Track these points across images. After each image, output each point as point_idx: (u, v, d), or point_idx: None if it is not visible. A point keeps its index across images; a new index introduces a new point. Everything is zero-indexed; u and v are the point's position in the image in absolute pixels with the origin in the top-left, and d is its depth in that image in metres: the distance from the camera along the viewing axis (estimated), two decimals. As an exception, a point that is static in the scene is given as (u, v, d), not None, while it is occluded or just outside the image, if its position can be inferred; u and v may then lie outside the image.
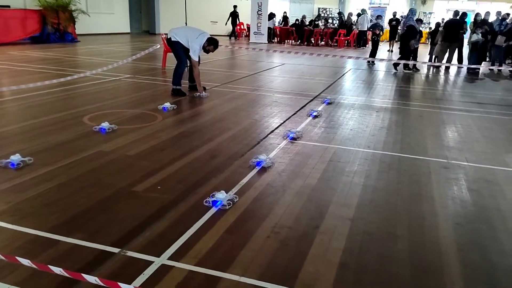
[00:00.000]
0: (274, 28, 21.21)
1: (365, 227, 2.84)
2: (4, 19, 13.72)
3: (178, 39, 6.80)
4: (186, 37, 6.78)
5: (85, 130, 4.75)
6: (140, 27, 23.56)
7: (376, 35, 12.71)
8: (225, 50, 14.23)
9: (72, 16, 16.07)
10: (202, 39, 6.75)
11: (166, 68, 9.80)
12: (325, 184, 3.56)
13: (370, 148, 4.56)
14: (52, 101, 6.16)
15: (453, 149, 4.67)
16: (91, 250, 2.42)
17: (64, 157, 3.89)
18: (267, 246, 2.55)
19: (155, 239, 2.57)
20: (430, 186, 3.61)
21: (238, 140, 4.70)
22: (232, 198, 3.12)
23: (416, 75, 11.19)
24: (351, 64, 12.93)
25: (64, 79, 7.09)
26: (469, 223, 2.98)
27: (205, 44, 6.78)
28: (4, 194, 3.09)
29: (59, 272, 1.69)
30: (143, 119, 5.38)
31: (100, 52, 13.05)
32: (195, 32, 6.85)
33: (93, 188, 3.29)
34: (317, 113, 5.93)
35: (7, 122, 4.97)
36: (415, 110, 6.66)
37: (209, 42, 6.81)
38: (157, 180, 3.49)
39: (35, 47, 13.59)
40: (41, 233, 2.58)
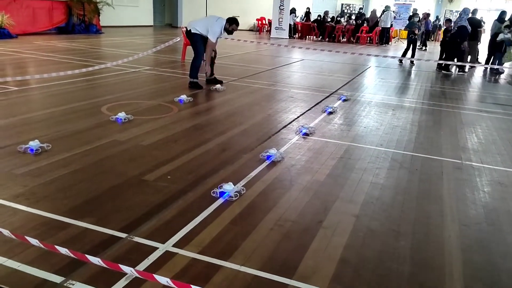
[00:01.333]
0: (295, 24, 21.11)
1: (369, 224, 2.85)
2: (32, 9, 14.09)
3: (198, 30, 6.90)
4: (205, 26, 6.88)
5: (102, 119, 4.87)
6: (163, 20, 23.80)
7: (413, 33, 12.30)
8: (245, 44, 14.26)
9: (97, 8, 16.35)
10: (222, 21, 6.87)
11: (185, 61, 9.92)
12: (333, 180, 3.57)
13: (383, 146, 4.54)
14: (74, 91, 6.32)
15: (468, 150, 4.61)
16: (99, 234, 2.51)
17: (80, 145, 4.01)
18: (269, 238, 2.59)
19: (161, 227, 2.65)
20: (440, 186, 3.58)
21: (250, 134, 4.75)
22: (240, 190, 3.17)
23: (439, 74, 10.99)
24: (372, 62, 12.79)
25: (86, 69, 7.26)
26: (476, 224, 2.95)
27: (226, 26, 6.86)
28: (21, 178, 3.22)
29: (65, 253, 1.77)
30: (159, 110, 5.48)
31: (123, 44, 13.27)
32: (213, 18, 6.98)
33: (105, 175, 3.40)
34: (332, 110, 5.92)
35: (29, 109, 5.14)
36: (433, 110, 6.56)
37: (230, 22, 6.90)
38: (168, 170, 3.57)
39: (61, 37, 13.91)
40: (54, 216, 2.69)
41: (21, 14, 13.44)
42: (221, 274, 2.21)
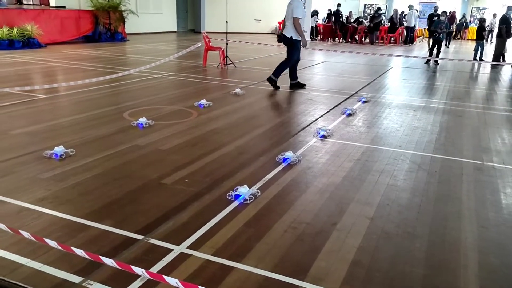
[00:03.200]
0: (317, 26, 21.03)
1: (384, 226, 2.84)
2: (60, 19, 14.57)
3: (288, 32, 7.19)
4: (290, 20, 7.15)
5: (124, 125, 5.02)
6: (186, 26, 24.18)
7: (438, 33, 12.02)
8: (266, 48, 14.33)
9: (122, 16, 16.77)
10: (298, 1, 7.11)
11: (206, 66, 10.06)
12: (349, 182, 3.57)
13: (401, 147, 4.50)
14: (98, 97, 6.52)
15: (490, 151, 4.50)
16: (118, 236, 2.60)
17: (103, 150, 4.15)
18: (283, 240, 2.62)
19: (177, 229, 2.72)
20: (459, 188, 3.52)
21: (268, 137, 4.79)
22: (255, 193, 3.22)
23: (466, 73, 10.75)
24: (394, 62, 12.62)
25: (110, 76, 7.48)
26: (494, 226, 2.90)
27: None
28: (46, 182, 3.36)
29: (81, 254, 1.85)
30: (180, 115, 5.60)
31: (147, 50, 13.56)
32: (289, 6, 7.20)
33: (125, 180, 3.50)
34: (352, 112, 5.90)
35: (55, 116, 5.34)
36: (456, 110, 6.43)
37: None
38: (186, 173, 3.65)
39: (88, 45, 14.33)
40: (75, 219, 2.80)
41: (49, 24, 13.92)
42: (233, 275, 2.26)
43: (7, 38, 11.93)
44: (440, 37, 12.07)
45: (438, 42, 12.11)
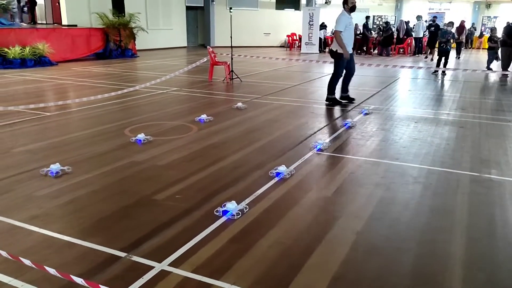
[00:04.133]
0: (325, 38, 21.10)
1: (372, 240, 2.81)
2: (71, 37, 14.94)
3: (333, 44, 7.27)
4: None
5: (124, 141, 5.08)
6: (196, 41, 24.53)
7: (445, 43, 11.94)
8: (273, 62, 14.41)
9: (132, 33, 17.09)
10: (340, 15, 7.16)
11: (212, 81, 10.17)
12: (340, 196, 3.54)
13: (398, 160, 4.45)
14: (102, 114, 6.63)
15: (490, 163, 4.42)
16: (101, 254, 2.63)
17: (100, 167, 4.21)
18: (266, 257, 2.61)
19: (162, 246, 2.73)
20: (454, 201, 3.46)
21: (265, 151, 4.80)
22: (243, 208, 3.21)
23: (474, 83, 10.62)
24: (402, 73, 12.54)
25: (115, 93, 7.61)
26: (485, 239, 2.84)
27: (345, 8, 7.10)
28: (39, 200, 3.42)
29: (53, 273, 1.88)
30: (180, 130, 5.65)
31: (155, 66, 13.78)
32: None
33: (119, 196, 3.55)
34: (352, 124, 5.87)
35: (58, 134, 5.44)
36: (458, 121, 6.35)
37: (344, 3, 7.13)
38: (179, 189, 3.68)
39: (98, 62, 14.62)
40: (63, 237, 2.83)
41: (61, 42, 14.27)
42: (211, 292, 2.25)
43: (19, 57, 12.26)
44: (448, 47, 11.98)
45: (445, 53, 12.01)
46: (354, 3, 7.12)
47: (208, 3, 23.24)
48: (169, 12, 21.80)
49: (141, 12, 18.93)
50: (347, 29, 7.07)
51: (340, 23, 7.07)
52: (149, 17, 20.29)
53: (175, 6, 22.24)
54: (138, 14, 17.10)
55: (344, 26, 7.02)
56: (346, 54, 7.17)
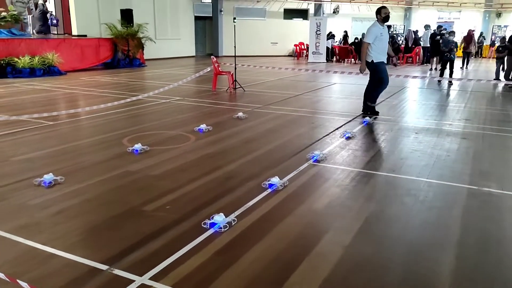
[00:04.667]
0: (333, 47, 21.09)
1: (358, 256, 2.74)
2: (80, 47, 15.15)
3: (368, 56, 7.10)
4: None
5: (120, 151, 5.09)
6: (204, 50, 24.72)
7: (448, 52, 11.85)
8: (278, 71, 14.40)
9: (140, 43, 17.29)
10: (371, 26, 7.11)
11: (216, 90, 10.19)
12: (331, 209, 3.48)
13: (395, 172, 4.38)
14: (102, 124, 6.67)
15: (490, 176, 4.32)
16: (83, 266, 2.60)
17: (94, 176, 4.21)
18: (249, 271, 2.56)
19: (145, 258, 2.70)
20: (448, 214, 3.38)
21: (261, 161, 4.76)
22: (231, 221, 3.17)
23: (480, 93, 10.48)
24: (407, 83, 12.44)
25: (118, 102, 7.66)
26: (475, 255, 2.75)
27: (378, 18, 7.03)
28: (29, 210, 3.42)
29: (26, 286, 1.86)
30: (177, 140, 5.64)
31: (162, 75, 13.88)
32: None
33: (109, 206, 3.53)
34: (351, 135, 5.81)
35: (57, 143, 5.47)
36: (461, 132, 6.25)
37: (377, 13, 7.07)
38: (170, 199, 3.65)
39: (106, 72, 14.78)
40: (46, 248, 2.82)
41: (70, 52, 14.48)
42: (189, 308, 2.21)
43: (28, 66, 12.45)
44: (451, 56, 11.88)
45: (450, 62, 11.90)
46: (387, 14, 7.02)
47: (216, 13, 23.45)
48: (178, 22, 22.03)
49: (150, 22, 19.16)
50: (379, 40, 6.96)
51: (369, 34, 7.01)
52: (158, 27, 20.53)
53: (184, 16, 22.49)
54: (146, 25, 17.30)
55: (373, 38, 6.93)
56: (363, 67, 7.18)
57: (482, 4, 24.72)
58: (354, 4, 25.35)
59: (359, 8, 25.50)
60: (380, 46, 7.03)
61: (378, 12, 7.06)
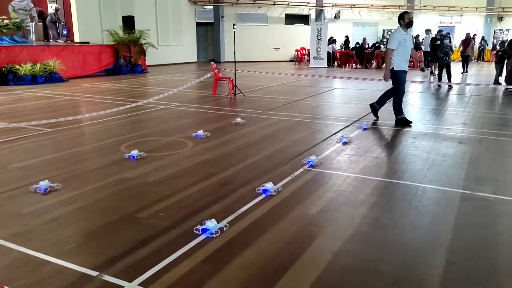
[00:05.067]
0: (334, 52, 21.14)
1: (347, 261, 2.75)
2: (82, 54, 15.26)
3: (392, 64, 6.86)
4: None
5: (117, 157, 5.12)
6: (206, 56, 24.83)
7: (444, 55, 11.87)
8: (279, 76, 14.45)
9: (142, 49, 17.39)
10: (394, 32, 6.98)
11: (216, 96, 10.24)
12: (324, 215, 3.49)
13: (389, 177, 4.39)
14: (100, 130, 6.72)
15: (485, 180, 4.32)
16: (74, 273, 2.63)
17: (90, 183, 4.24)
18: (236, 277, 2.58)
19: (136, 264, 2.72)
20: (440, 220, 3.38)
21: (256, 167, 4.78)
22: (222, 227, 3.19)
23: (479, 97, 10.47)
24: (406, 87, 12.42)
25: (117, 109, 7.71)
26: (466, 260, 2.75)
27: (401, 23, 6.84)
28: (24, 217, 3.45)
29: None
30: (175, 146, 5.67)
31: (163, 81, 13.95)
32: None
33: (104, 212, 3.56)
34: (348, 140, 5.82)
35: (54, 150, 5.51)
36: (459, 136, 6.24)
37: (400, 19, 6.88)
38: (164, 206, 3.67)
39: (107, 78, 14.87)
40: (39, 255, 2.84)
41: (72, 59, 14.59)
42: (176, 314, 2.22)
43: (30, 73, 12.55)
44: (448, 60, 11.91)
45: (446, 66, 11.93)
46: (410, 18, 6.87)
47: (218, 19, 23.58)
48: (180, 28, 22.16)
49: (152, 28, 19.30)
50: (402, 45, 6.76)
51: (392, 40, 6.82)
52: (160, 33, 20.66)
53: (186, 23, 22.61)
54: (148, 31, 17.41)
55: (397, 44, 6.72)
56: (387, 74, 6.96)
57: (483, 8, 24.70)
58: (355, 9, 25.43)
59: (360, 13, 25.58)
60: (403, 52, 6.81)
61: (401, 17, 6.88)
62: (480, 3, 24.30)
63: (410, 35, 7.11)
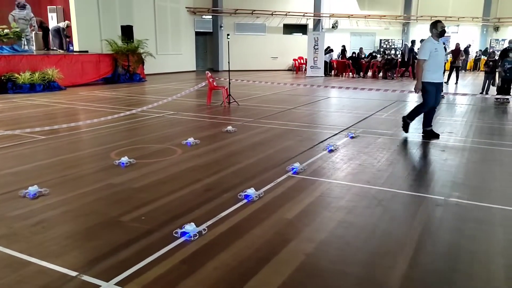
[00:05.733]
0: (331, 62, 21.37)
1: (318, 263, 2.86)
2: (81, 63, 15.50)
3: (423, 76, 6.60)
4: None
5: (107, 164, 5.25)
6: (205, 65, 25.09)
7: None
8: (275, 85, 14.63)
9: (141, 58, 17.64)
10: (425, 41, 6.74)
11: (211, 104, 10.40)
12: (301, 218, 3.61)
13: (370, 183, 4.50)
14: (92, 137, 6.85)
15: (459, 187, 4.44)
16: (54, 273, 2.74)
17: (77, 189, 4.37)
18: (210, 277, 2.69)
19: (114, 265, 2.84)
20: (409, 225, 3.50)
21: (241, 173, 4.90)
22: (201, 230, 3.31)
23: (470, 106, 10.61)
24: (400, 97, 12.59)
25: (112, 117, 7.86)
26: (430, 263, 2.86)
27: (434, 32, 6.54)
28: (11, 220, 3.57)
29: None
30: (164, 153, 5.80)
31: (160, 90, 14.13)
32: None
33: (88, 217, 3.68)
34: (334, 147, 5.95)
35: (46, 157, 5.64)
36: (441, 144, 6.36)
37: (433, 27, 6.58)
38: (146, 210, 3.79)
39: (105, 87, 15.07)
40: (22, 256, 2.96)
41: (70, 68, 14.82)
42: (147, 311, 2.34)
43: (28, 82, 12.74)
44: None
45: None
46: (444, 28, 6.57)
47: (216, 29, 23.88)
48: (179, 38, 22.44)
49: (151, 37, 19.58)
50: (433, 56, 6.44)
51: (423, 50, 6.51)
52: (159, 42, 20.93)
53: (185, 32, 22.91)
54: (146, 40, 17.66)
55: (428, 54, 6.42)
56: (418, 85, 6.63)
57: (479, 18, 24.99)
58: (353, 19, 25.72)
59: (358, 23, 25.87)
60: (433, 63, 6.50)
61: (434, 26, 6.56)
62: (477, 13, 24.61)
63: (442, 45, 6.81)
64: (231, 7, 23.59)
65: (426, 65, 6.50)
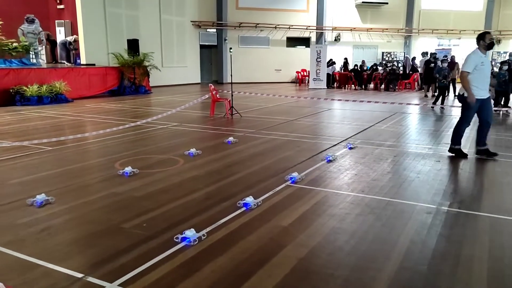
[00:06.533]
0: (333, 74, 21.61)
1: (309, 267, 3.01)
2: (88, 76, 15.82)
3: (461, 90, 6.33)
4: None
5: (111, 174, 5.43)
6: (210, 77, 25.42)
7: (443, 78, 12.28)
8: (277, 98, 14.84)
9: (146, 71, 17.97)
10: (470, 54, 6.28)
11: (214, 116, 10.61)
12: (296, 225, 3.76)
13: (364, 192, 4.65)
14: (98, 148, 7.06)
15: (452, 196, 4.58)
16: (61, 275, 2.91)
17: (82, 197, 4.55)
18: (206, 280, 2.85)
19: (117, 268, 3.00)
20: (400, 231, 3.63)
21: (241, 183, 5.06)
22: (201, 236, 3.47)
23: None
24: (400, 108, 12.75)
25: (117, 128, 8.07)
26: (416, 268, 2.99)
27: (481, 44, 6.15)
28: (18, 227, 3.75)
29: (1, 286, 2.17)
30: (167, 163, 5.99)
31: (165, 102, 14.39)
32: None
33: (91, 224, 3.85)
34: (332, 158, 6.10)
35: (52, 167, 5.83)
36: (437, 155, 6.49)
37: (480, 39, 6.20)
38: (148, 218, 3.96)
39: (111, 99, 15.35)
40: (30, 259, 3.14)
41: (78, 80, 15.14)
42: (147, 310, 2.49)
43: (36, 94, 13.05)
44: (446, 83, 12.26)
45: (445, 88, 12.26)
46: (492, 40, 6.27)
47: (221, 42, 24.25)
48: (184, 51, 22.83)
49: (157, 50, 19.96)
50: (479, 70, 6.07)
51: (468, 63, 6.11)
52: (165, 55, 21.31)
53: (190, 45, 23.30)
54: (152, 53, 18.01)
55: (473, 67, 6.05)
56: (471, 98, 6.10)
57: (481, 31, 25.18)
58: (355, 33, 26.03)
59: (360, 36, 26.16)
60: (479, 78, 6.10)
61: (482, 37, 6.18)
62: (478, 26, 24.81)
63: (488, 59, 6.42)
64: (236, 21, 23.99)
65: (471, 80, 6.13)
